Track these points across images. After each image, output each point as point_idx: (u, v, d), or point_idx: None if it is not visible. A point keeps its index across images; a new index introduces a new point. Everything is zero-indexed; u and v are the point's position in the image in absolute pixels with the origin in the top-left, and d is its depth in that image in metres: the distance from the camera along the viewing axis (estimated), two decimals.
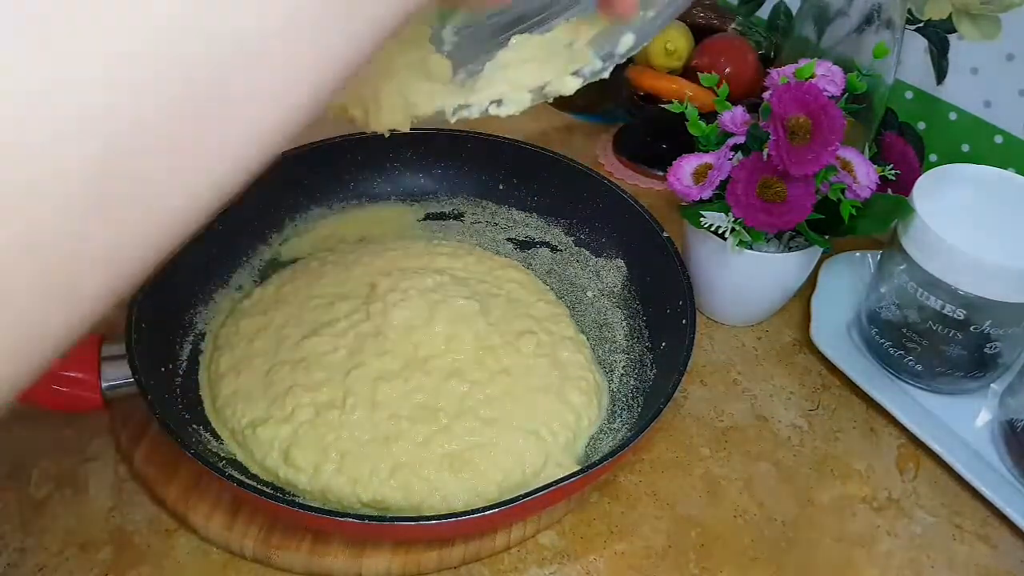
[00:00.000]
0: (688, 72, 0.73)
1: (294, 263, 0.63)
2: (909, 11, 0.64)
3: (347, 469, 0.48)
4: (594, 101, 0.86)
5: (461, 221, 0.68)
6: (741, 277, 0.59)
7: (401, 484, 0.48)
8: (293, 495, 0.49)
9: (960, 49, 0.64)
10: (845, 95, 0.55)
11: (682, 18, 0.76)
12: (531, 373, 0.54)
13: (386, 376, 0.53)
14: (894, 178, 0.57)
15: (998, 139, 0.63)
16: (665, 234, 0.60)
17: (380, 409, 0.51)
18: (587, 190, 0.65)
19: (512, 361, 0.55)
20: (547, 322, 0.59)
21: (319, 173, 0.67)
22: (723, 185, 0.55)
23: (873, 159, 0.59)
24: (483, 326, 0.56)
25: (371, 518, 0.45)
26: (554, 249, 0.66)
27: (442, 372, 0.53)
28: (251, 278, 0.62)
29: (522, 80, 0.33)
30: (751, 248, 0.57)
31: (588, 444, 0.53)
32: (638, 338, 0.59)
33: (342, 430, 0.50)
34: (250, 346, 0.56)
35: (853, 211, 0.54)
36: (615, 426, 0.54)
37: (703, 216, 0.56)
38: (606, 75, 0.34)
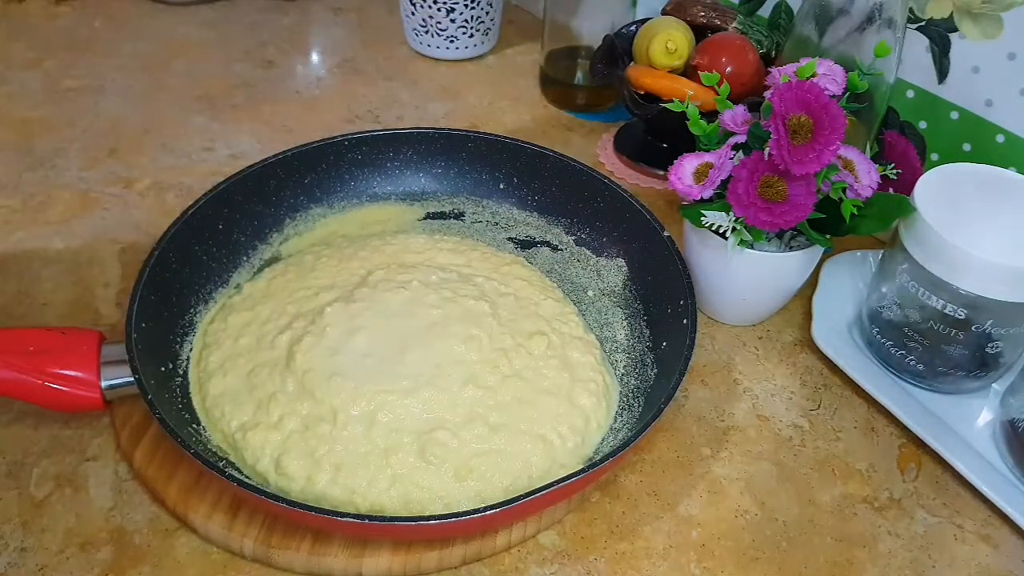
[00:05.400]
0: (689, 71, 0.73)
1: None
2: (911, 10, 0.64)
3: (343, 480, 0.48)
4: (595, 100, 0.86)
5: (461, 220, 0.68)
6: (742, 277, 0.59)
7: (401, 494, 0.47)
8: None
9: (961, 48, 0.64)
10: (846, 94, 0.55)
11: (683, 17, 0.76)
12: (541, 376, 0.54)
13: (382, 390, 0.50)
14: (895, 177, 0.57)
15: (999, 138, 0.63)
16: (666, 233, 0.60)
17: (377, 425, 0.49)
18: (588, 189, 0.65)
19: (523, 364, 0.54)
20: (556, 321, 0.58)
21: (319, 173, 0.67)
22: (724, 184, 0.55)
23: (874, 158, 0.59)
24: (496, 327, 0.55)
25: (371, 517, 0.45)
26: (555, 248, 0.66)
27: (457, 379, 0.52)
28: (251, 278, 0.62)
29: None
30: (752, 247, 0.57)
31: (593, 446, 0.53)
32: (639, 338, 0.59)
33: (335, 443, 0.49)
34: (236, 344, 0.55)
35: (854, 210, 0.54)
36: (616, 426, 0.54)
37: (704, 215, 0.56)
38: None
